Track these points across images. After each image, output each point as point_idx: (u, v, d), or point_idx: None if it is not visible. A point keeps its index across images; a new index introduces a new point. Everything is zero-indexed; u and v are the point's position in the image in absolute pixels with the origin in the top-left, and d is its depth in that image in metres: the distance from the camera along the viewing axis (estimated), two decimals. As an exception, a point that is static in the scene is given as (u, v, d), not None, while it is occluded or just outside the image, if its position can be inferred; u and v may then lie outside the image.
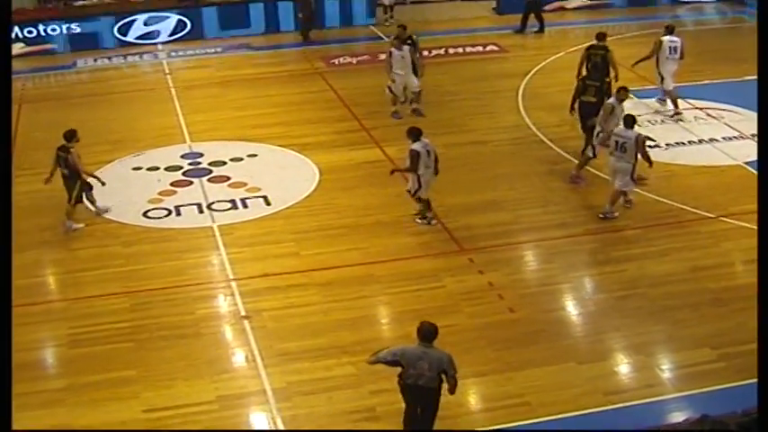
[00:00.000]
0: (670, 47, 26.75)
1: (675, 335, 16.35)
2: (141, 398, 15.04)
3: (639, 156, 20.13)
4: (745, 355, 15.34)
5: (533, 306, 17.38)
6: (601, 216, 20.63)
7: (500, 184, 22.33)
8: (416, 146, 19.56)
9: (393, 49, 26.22)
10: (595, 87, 23.10)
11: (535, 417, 14.43)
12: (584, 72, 24.93)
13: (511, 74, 30.56)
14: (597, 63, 25.00)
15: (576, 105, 23.21)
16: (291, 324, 16.93)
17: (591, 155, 22.34)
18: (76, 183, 20.69)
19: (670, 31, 27.24)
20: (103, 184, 21.25)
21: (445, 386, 13.07)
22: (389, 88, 26.60)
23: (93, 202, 21.33)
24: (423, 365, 12.89)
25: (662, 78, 26.74)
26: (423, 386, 13.04)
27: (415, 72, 26.55)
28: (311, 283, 18.28)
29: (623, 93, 21.74)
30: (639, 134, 20.28)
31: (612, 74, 25.08)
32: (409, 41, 26.77)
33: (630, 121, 20.28)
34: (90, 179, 21.01)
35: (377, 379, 14.56)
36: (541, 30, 35.76)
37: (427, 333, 12.97)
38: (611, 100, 21.87)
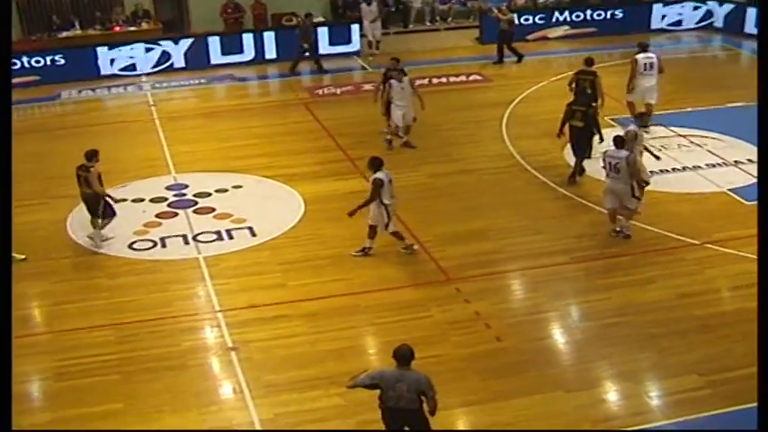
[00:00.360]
0: (645, 63, 27.67)
1: (662, 362, 16.34)
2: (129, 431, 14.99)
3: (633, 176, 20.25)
4: (733, 382, 15.41)
5: (520, 335, 17.36)
6: (613, 235, 21.01)
7: (485, 213, 22.35)
8: (380, 174, 19.56)
9: (393, 81, 26.11)
10: (581, 112, 23.48)
11: (523, 446, 14.44)
12: (571, 96, 25.15)
13: (495, 103, 30.65)
14: (585, 88, 25.29)
15: (566, 130, 23.46)
16: (278, 355, 16.88)
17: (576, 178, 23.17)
18: (100, 201, 21.10)
19: (643, 48, 28.17)
20: (117, 201, 21.57)
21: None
22: (389, 123, 26.83)
23: (100, 227, 21.44)
24: (401, 387, 12.88)
25: (631, 90, 27.75)
26: (404, 408, 13.02)
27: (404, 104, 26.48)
28: (298, 314, 18.24)
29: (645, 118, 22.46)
30: (630, 154, 20.30)
31: (599, 101, 25.27)
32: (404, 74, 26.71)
33: (620, 141, 20.42)
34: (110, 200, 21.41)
35: (364, 410, 14.51)
36: (519, 60, 35.87)
37: (403, 356, 12.96)
38: (632, 127, 21.98)
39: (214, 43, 36.86)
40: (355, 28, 38.61)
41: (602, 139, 23.81)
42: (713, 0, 40.91)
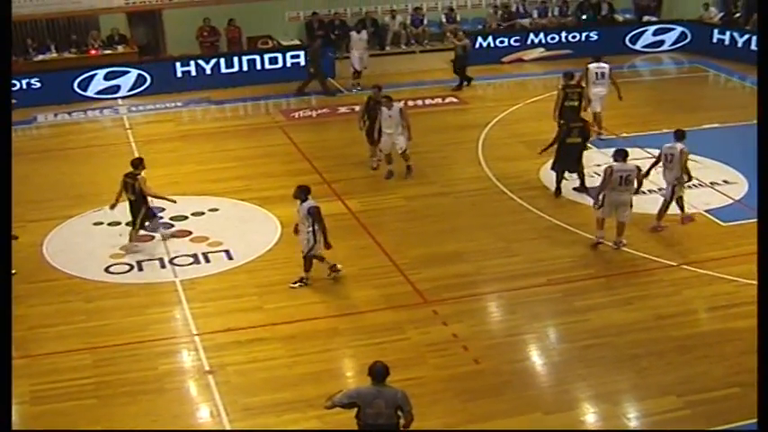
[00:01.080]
0: (596, 72, 29.30)
1: (641, 383, 16.38)
2: (106, 455, 14.96)
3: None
4: (711, 402, 15.49)
5: (498, 357, 17.37)
6: (615, 246, 21.53)
7: (462, 235, 22.37)
8: (313, 202, 19.67)
9: (382, 108, 25.69)
10: (578, 128, 24.08)
11: (502, 468, 14.43)
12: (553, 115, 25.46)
13: (470, 125, 30.72)
14: (574, 102, 25.61)
15: (562, 149, 24.02)
16: (256, 378, 16.85)
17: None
18: (141, 208, 21.90)
19: (596, 58, 30.00)
20: (174, 202, 22.91)
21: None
22: (378, 149, 26.69)
23: (155, 229, 22.55)
24: (379, 404, 12.94)
25: (588, 101, 28.51)
26: (383, 424, 13.06)
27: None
28: (275, 337, 18.22)
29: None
30: (637, 165, 21.44)
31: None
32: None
33: (625, 154, 21.30)
34: (163, 202, 22.76)
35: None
36: (468, 83, 35.71)
37: (378, 372, 13.03)
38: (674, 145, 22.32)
39: (188, 66, 36.82)
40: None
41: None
42: (686, 23, 41.14)
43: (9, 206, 13.41)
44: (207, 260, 21.46)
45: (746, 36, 37.63)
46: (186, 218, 23.68)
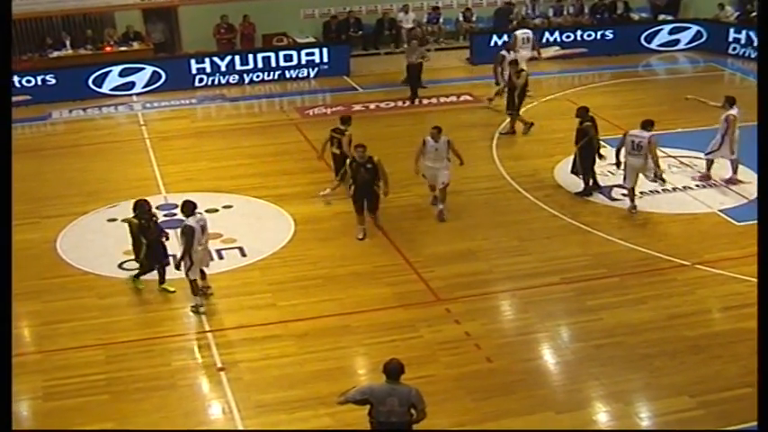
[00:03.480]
0: (523, 38, 35.06)
1: (653, 383, 16.34)
2: (118, 451, 14.98)
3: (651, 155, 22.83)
4: (724, 403, 15.43)
5: (511, 356, 17.35)
6: (633, 212, 23.24)
7: (475, 233, 22.34)
8: (191, 221, 18.81)
9: (429, 139, 22.99)
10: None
11: (514, 467, 14.42)
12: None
13: (485, 123, 30.68)
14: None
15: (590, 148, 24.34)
16: (268, 375, 16.86)
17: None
18: (345, 161, 23.17)
19: (522, 25, 36.77)
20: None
21: None
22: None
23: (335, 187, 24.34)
24: (392, 402, 12.97)
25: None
26: (395, 422, 13.09)
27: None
28: (287, 335, 18.23)
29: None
30: (652, 135, 22.88)
31: None
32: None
33: (650, 123, 23.08)
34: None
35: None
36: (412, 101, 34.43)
37: (393, 370, 13.07)
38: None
39: (204, 63, 36.85)
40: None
41: None
42: (701, 22, 41.02)
43: (9, 206, 13.41)
44: (220, 257, 21.45)
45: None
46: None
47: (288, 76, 37.64)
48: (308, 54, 37.91)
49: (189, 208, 18.84)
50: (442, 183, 23.07)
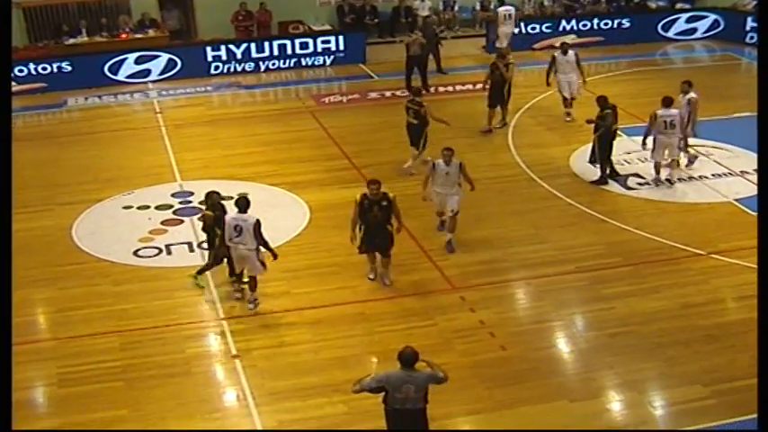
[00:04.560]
0: (505, 14, 37.35)
1: (667, 372, 16.33)
2: (132, 437, 15.03)
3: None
4: (738, 392, 15.40)
5: (525, 344, 17.35)
6: (669, 184, 24.18)
7: (491, 221, 22.32)
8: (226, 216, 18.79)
9: (440, 162, 20.79)
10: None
11: (527, 455, 14.43)
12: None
13: (500, 112, 30.62)
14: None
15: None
16: (282, 363, 16.89)
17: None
18: (423, 131, 25.01)
19: (502, 2, 38.18)
20: (448, 124, 25.77)
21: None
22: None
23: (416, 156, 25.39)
24: (408, 389, 13.04)
25: (496, 37, 36.82)
26: (410, 410, 13.16)
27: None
28: (302, 322, 18.25)
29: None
30: (681, 111, 23.84)
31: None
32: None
33: (670, 101, 23.73)
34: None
35: (368, 417, 14.54)
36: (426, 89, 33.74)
37: (408, 358, 13.09)
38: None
39: (219, 50, 36.88)
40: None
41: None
42: (718, 10, 40.90)
43: (9, 203, 13.43)
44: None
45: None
46: (215, 202, 23.71)
47: (304, 63, 37.67)
48: (323, 42, 37.95)
49: (242, 204, 18.56)
50: (452, 210, 20.96)
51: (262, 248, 18.45)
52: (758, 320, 11.99)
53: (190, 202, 23.78)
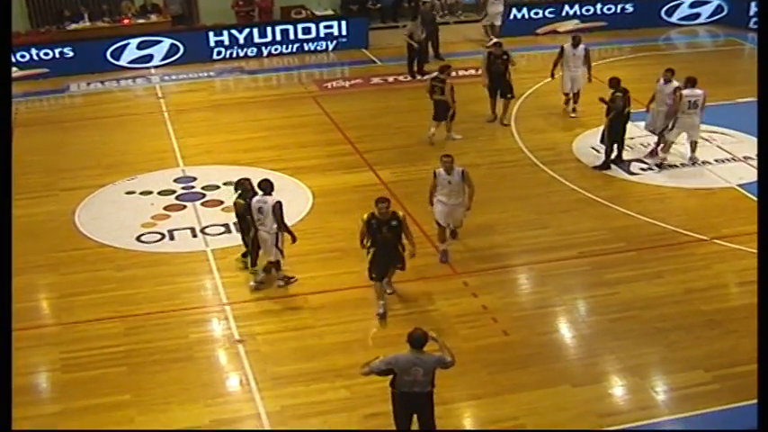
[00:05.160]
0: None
1: (669, 357, 16.35)
2: (136, 422, 15.02)
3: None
4: (740, 377, 15.41)
5: (527, 329, 17.37)
6: (690, 163, 24.49)
7: (493, 206, 22.31)
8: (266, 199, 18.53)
9: (441, 171, 19.55)
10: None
11: (530, 439, 14.45)
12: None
13: (504, 97, 30.57)
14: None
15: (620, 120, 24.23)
16: (285, 348, 16.92)
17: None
18: (449, 109, 26.12)
19: None
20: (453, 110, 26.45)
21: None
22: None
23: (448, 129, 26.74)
24: (417, 371, 13.08)
25: (485, 15, 38.83)
26: (417, 393, 13.20)
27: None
28: (305, 307, 18.28)
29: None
30: (705, 91, 24.11)
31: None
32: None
33: (694, 80, 24.07)
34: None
35: (371, 402, 14.58)
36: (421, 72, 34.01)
37: (417, 339, 13.13)
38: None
39: (222, 35, 36.82)
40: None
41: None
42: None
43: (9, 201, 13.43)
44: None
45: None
46: (218, 187, 23.72)
47: (306, 48, 37.63)
48: (326, 27, 37.90)
49: (265, 187, 18.57)
50: (459, 222, 20.18)
51: (281, 234, 18.48)
52: (758, 306, 11.97)
53: (192, 187, 23.79)
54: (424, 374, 13.09)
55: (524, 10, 39.03)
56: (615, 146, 24.15)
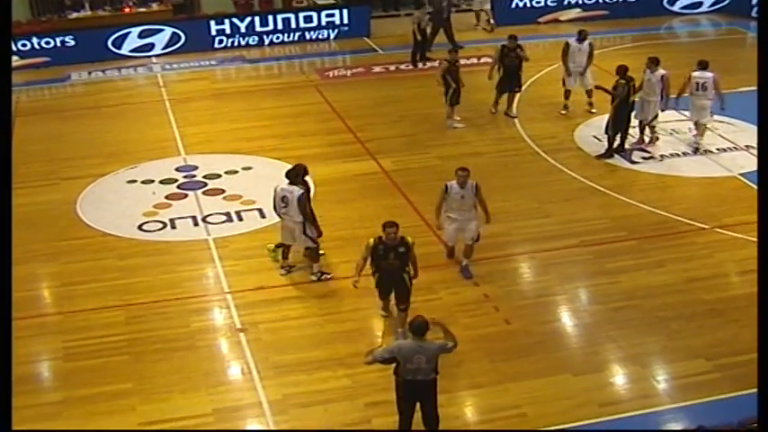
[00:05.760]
0: None
1: (670, 346, 16.36)
2: (137, 411, 15.03)
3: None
4: (741, 366, 15.40)
5: (529, 318, 17.37)
6: (694, 148, 24.69)
7: (495, 195, 22.20)
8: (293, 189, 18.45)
9: (452, 185, 18.40)
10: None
11: (531, 428, 14.42)
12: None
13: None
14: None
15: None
16: (287, 336, 16.92)
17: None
18: (449, 89, 26.32)
19: None
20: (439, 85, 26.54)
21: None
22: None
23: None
24: (420, 359, 13.10)
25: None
26: (421, 380, 13.24)
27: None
28: (307, 296, 18.29)
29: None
30: (715, 74, 24.37)
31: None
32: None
33: (705, 64, 24.57)
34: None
35: (372, 391, 14.59)
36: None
37: (419, 327, 13.15)
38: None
39: (223, 24, 36.78)
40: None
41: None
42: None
43: (9, 199, 13.42)
44: (240, 218, 21.52)
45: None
46: (219, 176, 23.75)
47: (308, 37, 37.59)
48: (328, 15, 37.84)
49: (292, 175, 18.59)
50: (471, 239, 18.82)
51: (308, 223, 18.51)
52: (758, 295, 11.97)
53: (194, 176, 23.80)
54: (426, 362, 13.10)
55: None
56: (618, 135, 24.11)
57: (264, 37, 37.24)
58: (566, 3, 39.80)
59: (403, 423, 13.63)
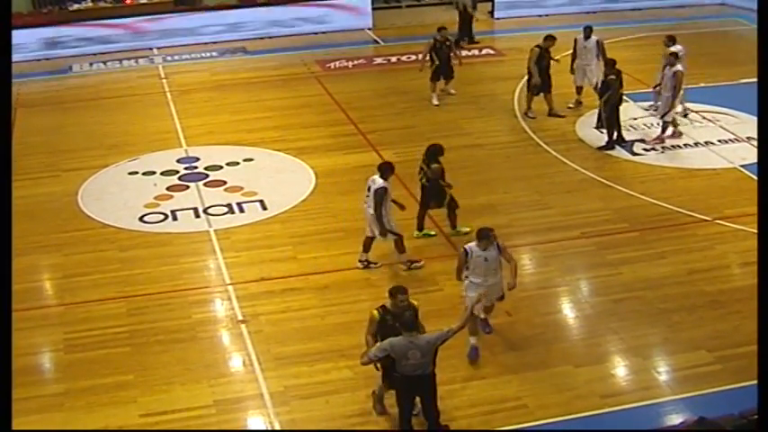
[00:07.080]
0: None
1: (672, 337, 16.35)
2: (138, 402, 15.03)
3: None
4: (742, 358, 15.38)
5: (530, 309, 17.36)
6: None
7: (496, 187, 22.33)
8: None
9: (472, 245, 15.92)
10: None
11: (533, 420, 14.39)
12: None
13: (507, 77, 30.52)
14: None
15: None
16: (289, 328, 16.93)
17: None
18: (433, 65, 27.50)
19: None
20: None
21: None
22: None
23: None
24: (415, 354, 13.06)
25: None
26: (419, 375, 13.23)
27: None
28: (308, 287, 18.28)
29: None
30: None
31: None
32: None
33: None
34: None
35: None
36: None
37: (406, 323, 13.17)
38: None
39: (225, 16, 36.74)
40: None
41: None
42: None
43: (10, 191, 13.41)
44: (241, 210, 21.52)
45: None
46: (221, 168, 23.75)
47: (309, 28, 37.47)
48: (329, 6, 37.73)
49: (383, 168, 18.52)
50: (497, 299, 16.46)
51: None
52: (759, 286, 11.96)
53: (195, 167, 23.81)
54: (422, 356, 13.05)
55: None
56: (614, 128, 24.16)
57: (266, 28, 37.16)
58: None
59: (403, 417, 13.64)
